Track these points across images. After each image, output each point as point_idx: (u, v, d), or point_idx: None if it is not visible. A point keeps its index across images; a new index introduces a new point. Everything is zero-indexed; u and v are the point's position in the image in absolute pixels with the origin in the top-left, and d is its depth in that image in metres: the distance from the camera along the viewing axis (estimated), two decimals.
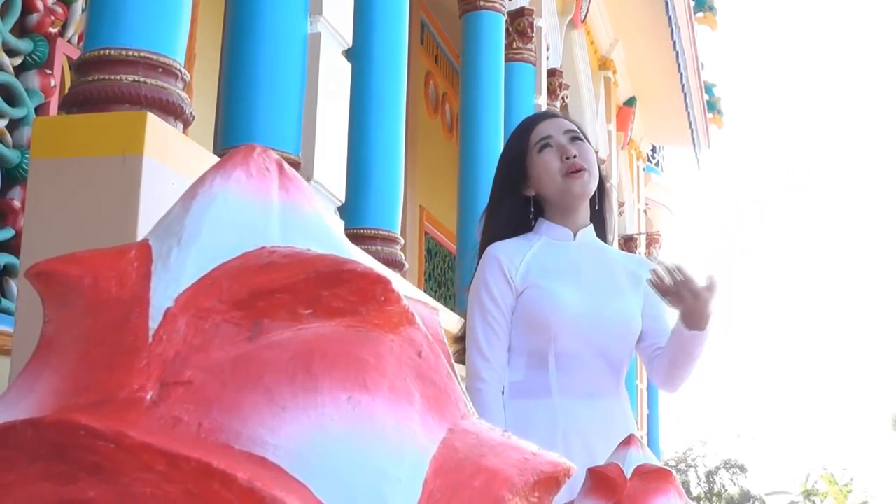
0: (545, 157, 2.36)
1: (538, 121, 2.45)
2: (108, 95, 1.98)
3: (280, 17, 2.73)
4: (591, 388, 2.29)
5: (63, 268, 0.63)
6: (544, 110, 2.67)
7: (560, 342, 2.27)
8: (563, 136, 2.37)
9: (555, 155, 2.35)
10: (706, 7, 11.10)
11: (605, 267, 2.39)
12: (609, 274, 2.39)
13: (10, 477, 0.56)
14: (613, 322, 2.32)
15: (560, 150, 2.35)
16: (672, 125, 10.91)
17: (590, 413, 2.27)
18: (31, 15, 3.39)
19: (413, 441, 0.61)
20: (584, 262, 2.37)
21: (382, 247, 3.40)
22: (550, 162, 2.35)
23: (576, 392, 2.27)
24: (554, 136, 2.37)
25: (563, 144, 2.35)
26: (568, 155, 2.33)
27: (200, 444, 0.56)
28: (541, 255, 2.35)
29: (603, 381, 2.31)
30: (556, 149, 2.35)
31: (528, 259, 2.34)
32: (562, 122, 2.43)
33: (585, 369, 2.29)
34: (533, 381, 2.28)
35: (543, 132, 2.39)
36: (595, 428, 2.26)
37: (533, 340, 2.29)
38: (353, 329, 0.62)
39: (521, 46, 5.59)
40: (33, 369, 0.64)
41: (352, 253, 0.68)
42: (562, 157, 2.34)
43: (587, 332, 2.28)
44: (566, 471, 0.64)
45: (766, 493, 20.10)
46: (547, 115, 2.50)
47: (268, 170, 0.68)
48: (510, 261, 2.33)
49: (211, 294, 0.61)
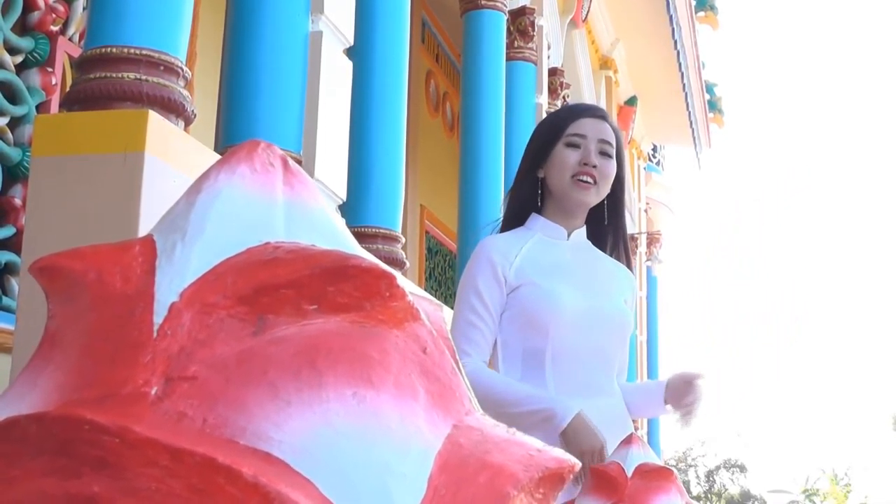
0: (568, 152, 2.33)
1: (583, 114, 2.39)
2: (110, 93, 1.98)
3: (281, 15, 2.73)
4: (588, 387, 2.29)
5: (67, 263, 0.63)
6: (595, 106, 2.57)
7: (557, 340, 2.26)
8: (596, 143, 2.33)
9: (577, 155, 2.32)
10: (707, 6, 11.10)
11: (597, 267, 2.39)
12: (601, 274, 2.39)
13: (14, 472, 0.55)
14: (610, 319, 2.33)
15: (584, 154, 2.32)
16: (673, 124, 10.91)
17: (587, 412, 2.27)
18: (32, 13, 3.39)
19: (418, 437, 0.61)
20: (578, 260, 2.37)
21: (383, 245, 3.40)
22: (569, 158, 2.32)
23: (573, 391, 2.27)
24: (588, 137, 2.33)
25: (590, 150, 2.32)
26: (588, 162, 2.31)
27: (205, 439, 0.55)
28: (535, 252, 2.35)
29: (599, 380, 2.31)
30: (582, 150, 2.33)
31: (522, 254, 2.32)
32: (604, 128, 2.37)
33: (582, 368, 2.29)
34: (530, 380, 2.27)
35: (580, 129, 2.35)
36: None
37: (529, 339, 2.28)
38: (358, 325, 0.62)
39: (522, 45, 5.59)
40: (37, 364, 0.63)
41: (356, 249, 0.68)
42: (581, 161, 2.32)
43: (584, 330, 2.28)
44: (571, 467, 0.64)
45: (767, 490, 20.10)
46: (595, 114, 2.42)
47: (272, 165, 0.68)
48: (503, 257, 2.31)
49: (215, 289, 0.61)
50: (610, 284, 2.38)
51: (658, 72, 9.52)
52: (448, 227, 7.28)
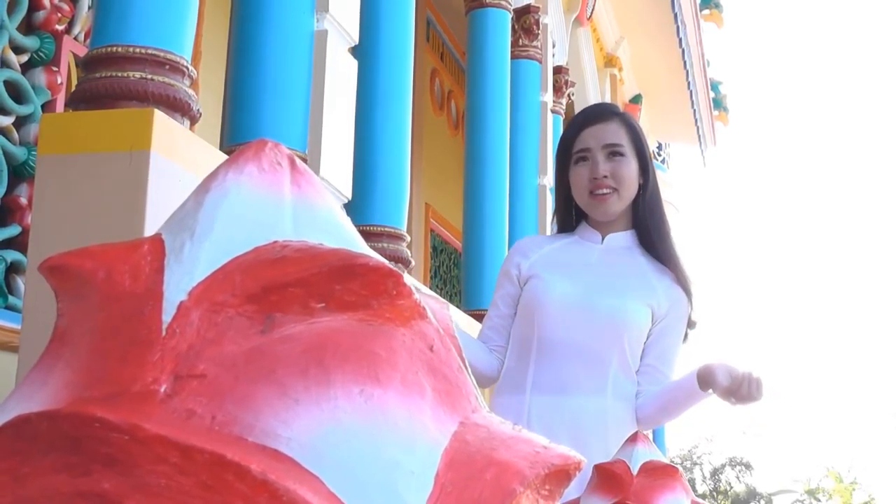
0: (579, 170, 2.35)
1: (584, 125, 2.37)
2: (115, 92, 1.98)
3: (286, 13, 2.73)
4: (567, 384, 2.27)
5: (77, 261, 0.63)
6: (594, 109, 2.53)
7: (542, 331, 2.29)
8: (602, 150, 2.32)
9: (587, 170, 2.33)
10: (712, 4, 11.08)
11: (621, 269, 2.36)
12: (621, 276, 2.35)
13: (25, 469, 0.56)
14: (600, 316, 2.28)
15: (592, 167, 2.32)
16: (678, 122, 10.89)
17: (559, 410, 2.26)
18: (37, 12, 3.39)
19: (425, 434, 0.61)
20: (603, 261, 2.36)
21: (389, 244, 3.40)
22: (582, 177, 2.34)
23: (550, 387, 2.27)
24: (592, 148, 2.33)
25: (598, 161, 2.31)
26: (596, 175, 2.31)
27: (214, 436, 0.56)
28: (559, 251, 2.38)
29: (581, 377, 2.27)
30: (590, 163, 2.33)
31: (544, 252, 2.38)
32: (606, 131, 2.34)
33: (565, 363, 2.27)
34: (515, 371, 2.33)
35: (583, 143, 2.35)
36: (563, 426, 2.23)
37: (522, 327, 2.35)
38: (365, 323, 0.62)
39: (526, 44, 5.59)
40: (47, 362, 0.64)
41: (363, 248, 0.69)
42: (590, 176, 2.32)
43: (571, 325, 2.27)
44: (577, 464, 0.64)
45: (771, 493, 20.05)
46: (596, 119, 2.38)
47: (280, 164, 0.69)
48: (524, 255, 2.40)
49: (224, 288, 0.61)
50: (626, 285, 2.33)
51: (663, 70, 9.51)
52: (453, 225, 7.28)
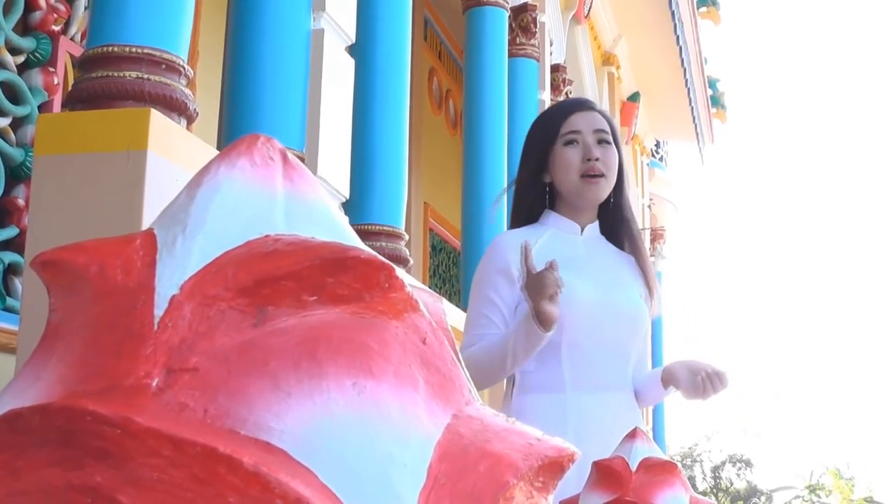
0: (568, 152, 2.32)
1: (572, 111, 2.39)
2: (112, 92, 1.98)
3: (283, 13, 2.73)
4: (603, 381, 2.28)
5: (69, 256, 0.63)
6: (581, 99, 2.56)
7: (572, 334, 2.24)
8: (592, 135, 2.33)
9: (578, 152, 2.32)
10: (709, 2, 11.08)
11: (611, 260, 2.39)
12: (615, 266, 2.38)
13: (18, 462, 0.56)
14: (625, 312, 2.32)
15: (584, 150, 2.31)
16: (676, 120, 10.89)
17: (602, 407, 2.26)
18: (33, 13, 3.39)
19: (418, 426, 0.61)
20: (592, 254, 2.37)
21: (387, 243, 3.40)
22: (572, 159, 2.31)
23: (588, 386, 2.26)
24: (583, 132, 2.33)
25: (589, 144, 2.31)
26: (590, 157, 2.30)
27: (206, 429, 0.56)
28: (549, 246, 2.33)
29: (614, 373, 2.31)
30: (581, 146, 2.32)
31: (536, 249, 2.31)
32: (594, 118, 2.37)
33: (597, 361, 2.28)
34: (544, 373, 2.27)
35: (573, 125, 2.34)
36: (607, 422, 2.24)
37: None
38: (358, 316, 0.63)
39: (524, 42, 5.59)
40: (40, 357, 0.64)
41: (355, 241, 0.69)
42: (584, 158, 2.31)
43: (599, 323, 2.27)
44: (570, 456, 0.64)
45: (772, 489, 20.04)
46: (583, 106, 2.42)
47: (272, 159, 0.69)
48: (516, 252, 2.28)
49: (216, 281, 0.61)
50: (624, 278, 2.38)
51: (660, 68, 9.51)
52: (452, 224, 7.28)
